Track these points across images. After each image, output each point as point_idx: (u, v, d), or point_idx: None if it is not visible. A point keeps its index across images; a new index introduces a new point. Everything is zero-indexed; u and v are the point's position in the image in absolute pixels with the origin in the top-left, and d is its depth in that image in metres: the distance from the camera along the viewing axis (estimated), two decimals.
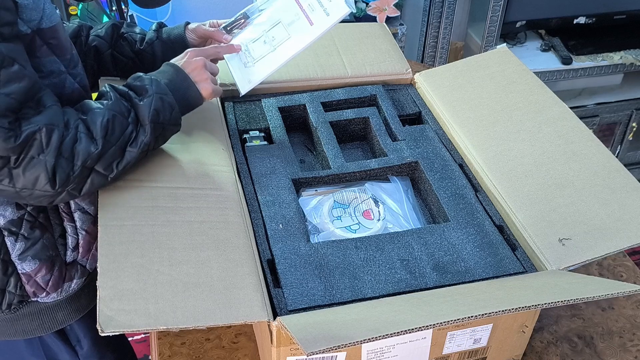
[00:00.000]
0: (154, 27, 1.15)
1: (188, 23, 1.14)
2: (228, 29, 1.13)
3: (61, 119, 0.84)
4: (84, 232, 1.01)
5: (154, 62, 1.12)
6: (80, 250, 1.02)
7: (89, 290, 1.07)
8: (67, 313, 1.07)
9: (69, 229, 1.00)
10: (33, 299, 1.02)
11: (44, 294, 1.01)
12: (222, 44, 1.11)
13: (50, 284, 1.00)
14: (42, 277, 0.99)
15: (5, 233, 0.94)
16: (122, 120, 0.89)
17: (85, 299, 1.08)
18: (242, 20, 1.13)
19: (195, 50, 1.02)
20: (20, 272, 0.97)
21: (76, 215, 1.00)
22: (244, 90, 1.10)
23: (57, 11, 0.93)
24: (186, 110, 0.98)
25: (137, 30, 1.14)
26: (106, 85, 0.94)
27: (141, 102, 0.91)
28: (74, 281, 1.04)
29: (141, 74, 0.96)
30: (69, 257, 1.01)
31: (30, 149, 0.81)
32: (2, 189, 0.83)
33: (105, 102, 0.90)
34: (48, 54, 0.88)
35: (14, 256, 0.96)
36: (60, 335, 1.14)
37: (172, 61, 1.00)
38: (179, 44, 1.12)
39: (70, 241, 1.01)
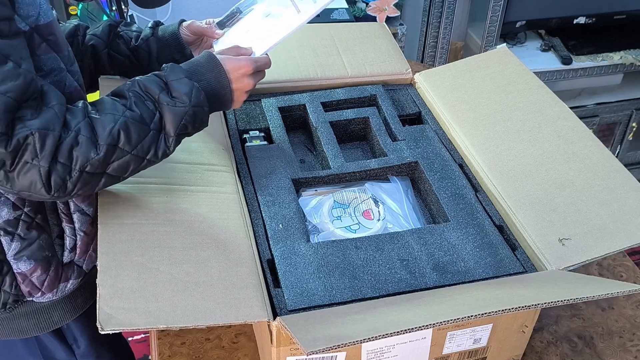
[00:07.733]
0: (150, 24, 1.15)
1: (183, 20, 1.14)
2: (222, 23, 1.13)
3: (59, 121, 0.80)
4: (82, 234, 1.01)
5: (149, 60, 1.12)
6: (78, 251, 1.02)
7: (85, 290, 1.07)
8: (63, 313, 1.07)
9: (67, 230, 1.00)
10: (28, 299, 1.01)
11: (39, 293, 1.00)
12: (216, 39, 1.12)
13: (45, 284, 1.00)
14: (38, 277, 0.98)
15: (1, 233, 0.93)
16: (141, 128, 0.84)
17: (82, 299, 1.08)
18: (237, 15, 1.13)
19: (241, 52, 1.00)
20: (15, 271, 0.97)
21: (75, 217, 0.99)
22: None
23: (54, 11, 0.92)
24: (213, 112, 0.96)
25: (134, 28, 1.15)
26: (131, 81, 0.88)
27: (173, 109, 0.86)
28: (70, 281, 1.03)
29: (183, 75, 0.89)
30: (66, 257, 1.01)
31: (24, 153, 0.77)
32: (4, 189, 0.83)
33: (123, 105, 0.85)
34: (47, 51, 0.87)
35: (9, 256, 0.95)
36: (56, 335, 1.13)
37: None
38: (173, 41, 1.12)
39: (68, 242, 1.00)
